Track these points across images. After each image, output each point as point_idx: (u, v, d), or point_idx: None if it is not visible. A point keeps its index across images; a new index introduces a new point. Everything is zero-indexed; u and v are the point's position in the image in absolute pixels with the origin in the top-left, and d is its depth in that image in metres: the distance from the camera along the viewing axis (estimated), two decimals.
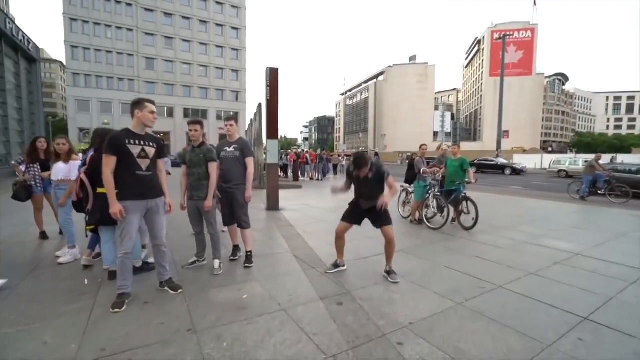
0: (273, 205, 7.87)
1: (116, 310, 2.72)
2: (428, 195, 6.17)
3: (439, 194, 6.17)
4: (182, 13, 45.33)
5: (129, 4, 42.32)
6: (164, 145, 3.14)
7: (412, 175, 6.46)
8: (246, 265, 3.84)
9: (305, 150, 25.44)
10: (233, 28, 48.90)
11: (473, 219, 5.79)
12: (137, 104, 2.88)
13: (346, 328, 2.47)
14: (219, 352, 2.17)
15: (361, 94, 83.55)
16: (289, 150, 22.88)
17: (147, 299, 2.96)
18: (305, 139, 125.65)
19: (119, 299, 2.83)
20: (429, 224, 6.00)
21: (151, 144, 2.97)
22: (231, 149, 3.85)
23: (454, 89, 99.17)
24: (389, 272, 3.53)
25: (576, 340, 2.35)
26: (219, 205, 3.95)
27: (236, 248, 4.15)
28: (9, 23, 17.34)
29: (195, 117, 3.86)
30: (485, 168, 24.59)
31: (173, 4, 44.68)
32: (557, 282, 3.45)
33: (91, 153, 3.44)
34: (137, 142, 2.85)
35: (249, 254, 3.94)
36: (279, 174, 20.17)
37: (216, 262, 3.69)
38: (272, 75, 7.52)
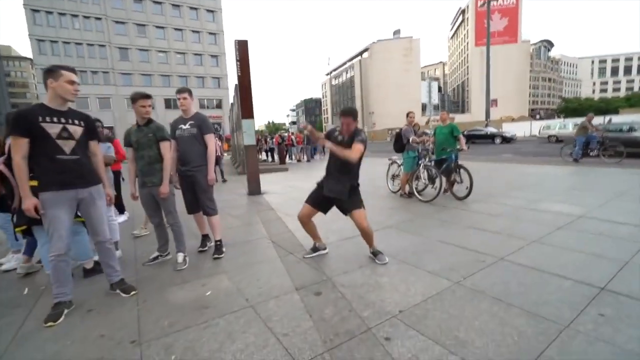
0: (254, 189, 7.38)
1: (49, 324, 2.25)
2: (418, 166, 5.75)
3: (429, 164, 5.75)
4: None
5: None
6: (93, 123, 2.59)
7: (400, 146, 6.00)
8: (215, 256, 3.38)
9: (293, 133, 24.88)
10: (208, 11, 46.59)
11: (467, 187, 5.40)
12: (50, 72, 2.30)
13: (324, 324, 2.05)
14: None
15: (346, 73, 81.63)
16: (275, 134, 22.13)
17: (92, 306, 2.50)
18: (293, 123, 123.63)
19: (55, 309, 2.36)
20: (420, 197, 5.60)
21: (77, 121, 2.42)
22: (187, 126, 3.33)
23: (440, 62, 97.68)
24: (375, 254, 3.11)
25: (597, 316, 1.98)
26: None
27: (205, 238, 3.69)
28: None
29: (143, 92, 3.28)
30: (476, 138, 24.26)
31: None
32: (564, 249, 3.08)
33: (9, 141, 2.87)
34: (54, 119, 2.30)
35: (218, 243, 3.49)
36: (266, 158, 19.79)
37: (180, 256, 3.23)
38: (241, 48, 6.85)
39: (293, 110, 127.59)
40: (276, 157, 17.17)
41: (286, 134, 20.39)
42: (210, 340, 1.96)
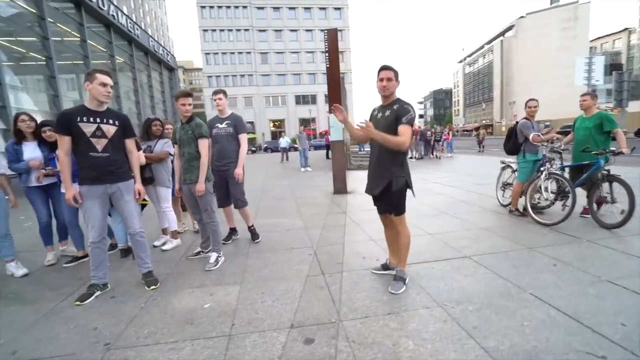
0: (339, 188, 7.00)
1: (77, 303, 2.48)
2: (540, 173, 4.16)
3: (559, 171, 4.09)
4: (288, 4, 47.48)
5: (244, 7, 46.92)
6: (128, 122, 2.70)
7: (514, 146, 4.48)
8: (256, 240, 3.79)
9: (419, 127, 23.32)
10: (336, 9, 48.53)
11: (623, 211, 3.56)
12: (87, 75, 2.46)
13: None
14: None
15: (483, 58, 70.72)
16: None
17: (117, 294, 2.64)
18: (420, 116, 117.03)
19: (88, 290, 2.60)
20: (537, 217, 4.04)
21: (111, 121, 2.56)
22: (223, 125, 3.47)
23: (625, 29, 72.81)
24: (396, 276, 2.50)
25: None
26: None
27: (232, 231, 3.89)
28: (152, 41, 21.29)
29: (186, 90, 3.52)
30: None
31: None
32: None
33: None
34: (90, 119, 2.47)
35: (252, 228, 3.82)
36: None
37: (212, 256, 3.16)
38: (330, 38, 6.49)
39: (421, 102, 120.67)
40: None
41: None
42: None
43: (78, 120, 2.43)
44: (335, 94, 6.71)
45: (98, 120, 2.49)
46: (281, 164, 16.72)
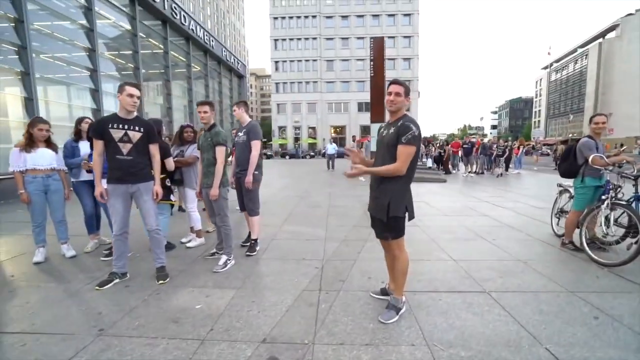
0: None
1: (96, 287, 2.80)
2: (601, 202, 3.48)
3: (627, 202, 3.39)
4: (356, 12, 47.88)
5: (314, 16, 48.63)
6: (153, 129, 2.98)
7: (571, 167, 3.83)
8: (247, 253, 3.63)
9: (480, 138, 21.42)
10: (405, 15, 47.49)
11: None
12: (119, 87, 2.80)
13: None
14: None
15: (575, 63, 62.14)
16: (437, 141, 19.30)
17: (131, 284, 2.91)
18: (494, 127, 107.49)
19: (108, 277, 2.91)
20: (594, 255, 3.38)
21: (137, 128, 2.85)
22: (241, 133, 3.65)
23: None
24: (390, 304, 2.33)
25: None
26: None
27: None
28: (224, 51, 23.33)
29: (206, 99, 3.74)
30: None
31: (349, 5, 47.87)
32: None
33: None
34: (120, 126, 2.79)
35: (253, 242, 3.71)
36: (431, 165, 18.06)
37: (222, 258, 3.30)
38: (376, 46, 6.35)
39: (495, 112, 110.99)
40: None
41: (475, 139, 17.21)
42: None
43: (110, 126, 2.76)
44: (379, 103, 6.54)
45: (126, 127, 2.80)
46: (327, 171, 16.06)
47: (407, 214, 2.26)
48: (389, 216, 2.19)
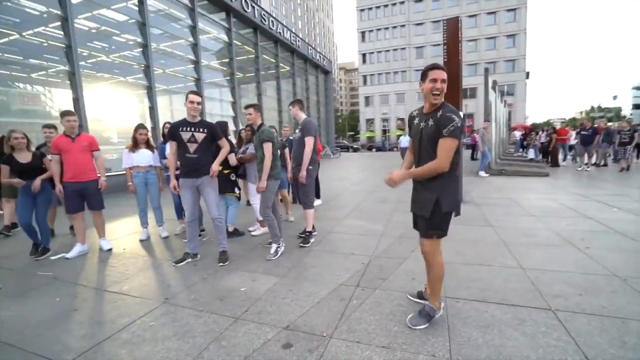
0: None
1: (173, 264, 3.38)
2: None
3: None
4: None
5: (402, 2, 46.32)
6: (216, 129, 3.39)
7: None
8: (300, 245, 3.83)
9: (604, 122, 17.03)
10: (508, 10, 41.43)
11: None
12: (186, 96, 3.28)
13: None
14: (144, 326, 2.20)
15: None
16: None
17: (200, 263, 3.41)
18: (637, 107, 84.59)
19: (183, 256, 3.47)
20: None
21: (202, 129, 3.31)
22: (297, 131, 3.92)
23: None
24: (422, 311, 2.16)
25: None
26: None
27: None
28: (310, 49, 24.30)
29: (252, 103, 3.92)
30: None
31: None
32: None
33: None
34: (187, 129, 3.28)
35: (307, 234, 3.92)
36: (533, 157, 15.36)
37: (272, 247, 3.57)
38: (450, 28, 5.79)
39: (638, 88, 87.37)
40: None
41: (597, 124, 13.13)
42: (164, 327, 2.18)
43: (180, 129, 3.27)
44: (455, 91, 5.95)
45: (192, 129, 3.28)
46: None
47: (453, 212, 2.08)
48: (441, 212, 2.01)
